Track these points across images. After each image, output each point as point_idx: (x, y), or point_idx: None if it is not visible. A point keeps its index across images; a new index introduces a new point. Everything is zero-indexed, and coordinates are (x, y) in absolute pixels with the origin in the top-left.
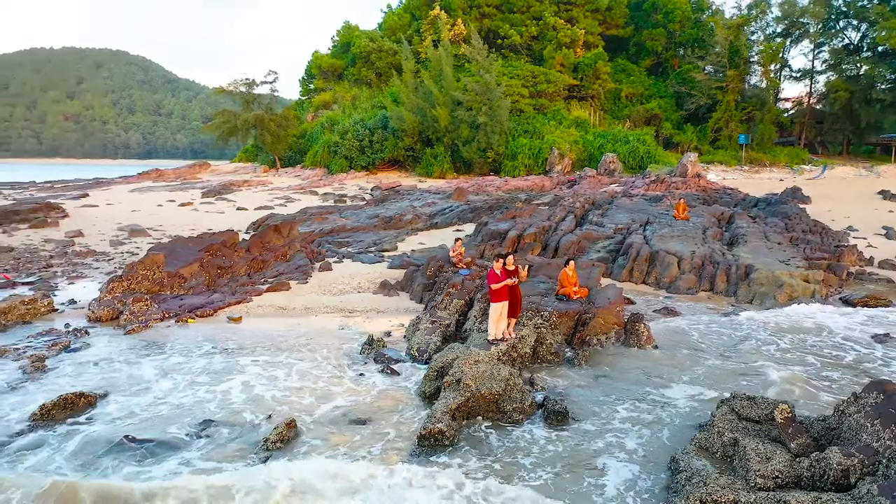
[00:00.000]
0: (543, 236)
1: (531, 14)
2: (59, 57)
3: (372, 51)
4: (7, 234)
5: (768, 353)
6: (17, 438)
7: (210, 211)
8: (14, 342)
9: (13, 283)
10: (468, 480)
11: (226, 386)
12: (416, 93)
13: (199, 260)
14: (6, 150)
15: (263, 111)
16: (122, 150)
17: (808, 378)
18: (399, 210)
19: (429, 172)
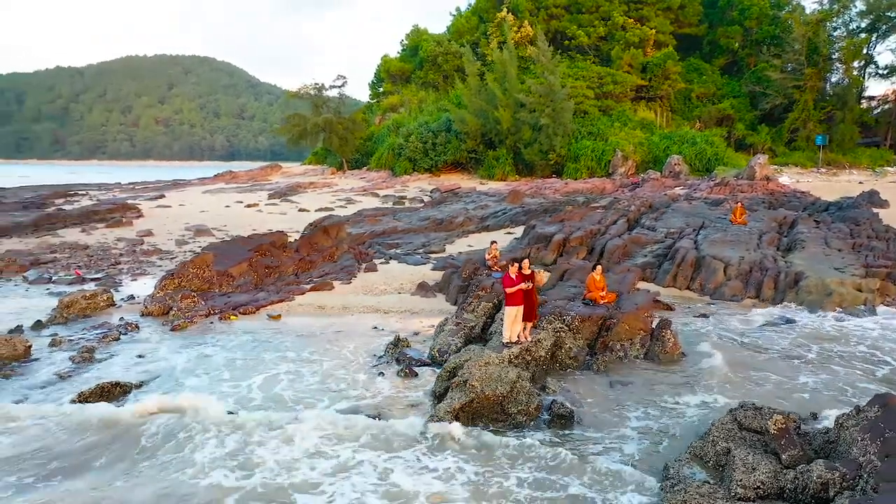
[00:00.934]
0: (590, 240)
1: (600, 14)
2: (152, 64)
3: (439, 54)
4: (86, 232)
5: (800, 363)
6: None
7: (273, 212)
8: (70, 334)
9: (83, 278)
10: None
11: (249, 382)
12: (479, 95)
13: (248, 259)
14: (103, 153)
15: (332, 115)
16: (208, 153)
17: (834, 389)
18: (452, 212)
19: (490, 174)
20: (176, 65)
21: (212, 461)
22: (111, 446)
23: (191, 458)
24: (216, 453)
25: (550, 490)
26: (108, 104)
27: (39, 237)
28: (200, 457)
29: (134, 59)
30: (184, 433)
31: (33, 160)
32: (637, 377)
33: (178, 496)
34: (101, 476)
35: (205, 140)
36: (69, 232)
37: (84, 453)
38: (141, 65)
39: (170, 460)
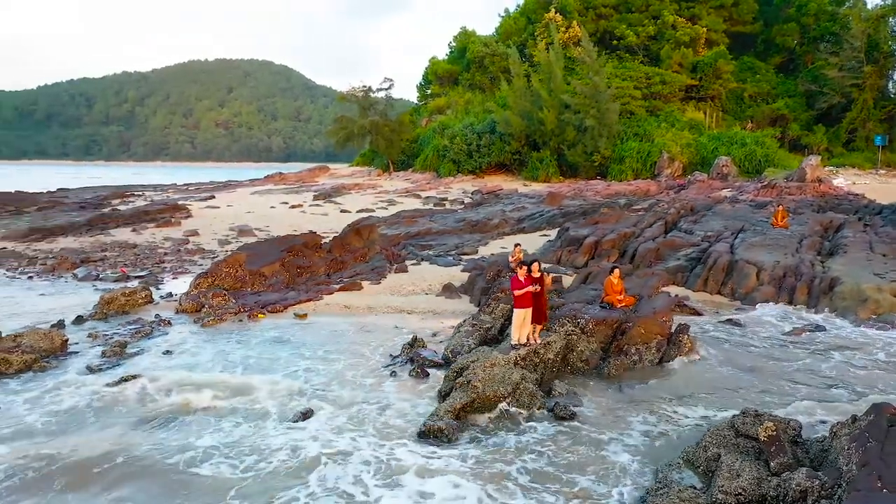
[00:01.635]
0: (623, 243)
1: (649, 13)
2: (213, 68)
3: (485, 55)
4: (136, 232)
5: (821, 370)
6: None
7: (316, 213)
8: (106, 329)
9: (128, 276)
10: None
11: (267, 378)
12: (524, 96)
13: (280, 260)
14: (166, 154)
15: (378, 117)
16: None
17: (851, 399)
18: (488, 214)
19: (534, 176)
20: (235, 68)
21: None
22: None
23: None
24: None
25: (526, 488)
26: (171, 107)
27: (93, 236)
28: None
29: (195, 64)
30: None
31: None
32: (647, 382)
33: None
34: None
35: (262, 142)
36: (121, 231)
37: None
38: (202, 69)
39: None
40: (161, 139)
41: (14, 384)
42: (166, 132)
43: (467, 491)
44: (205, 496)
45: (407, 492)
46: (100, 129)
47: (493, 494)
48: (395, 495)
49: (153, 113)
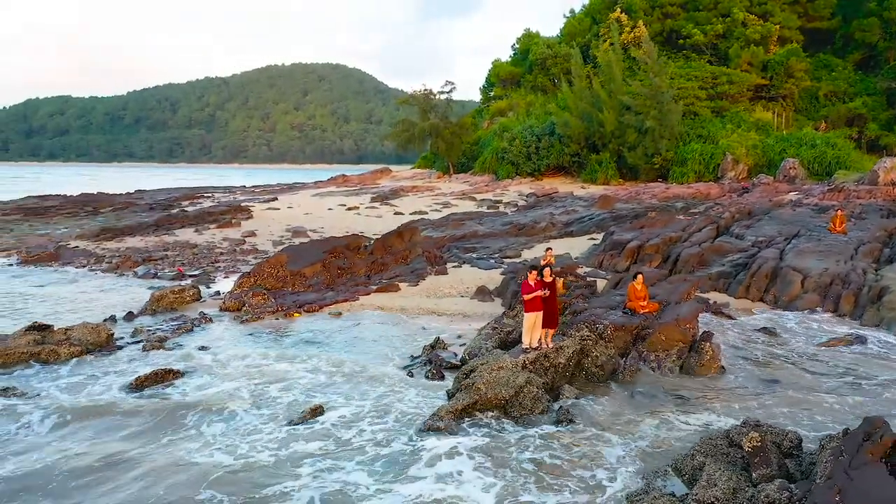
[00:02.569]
0: (666, 247)
1: (718, 11)
2: (289, 72)
3: (548, 57)
4: (198, 232)
5: (850, 384)
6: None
7: (370, 215)
8: (151, 324)
9: (183, 275)
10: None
11: (288, 373)
12: (584, 98)
13: (321, 261)
14: (244, 156)
15: (439, 120)
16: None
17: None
18: (536, 217)
19: (593, 179)
20: (311, 72)
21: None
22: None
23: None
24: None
25: (508, 489)
26: (250, 111)
27: (158, 236)
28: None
29: (273, 69)
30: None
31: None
32: (662, 389)
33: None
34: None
35: (334, 144)
36: (184, 232)
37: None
38: (279, 73)
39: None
40: (239, 142)
41: (62, 371)
42: (244, 135)
43: (443, 490)
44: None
45: (389, 488)
46: (183, 133)
47: (469, 495)
48: (376, 490)
49: (232, 116)
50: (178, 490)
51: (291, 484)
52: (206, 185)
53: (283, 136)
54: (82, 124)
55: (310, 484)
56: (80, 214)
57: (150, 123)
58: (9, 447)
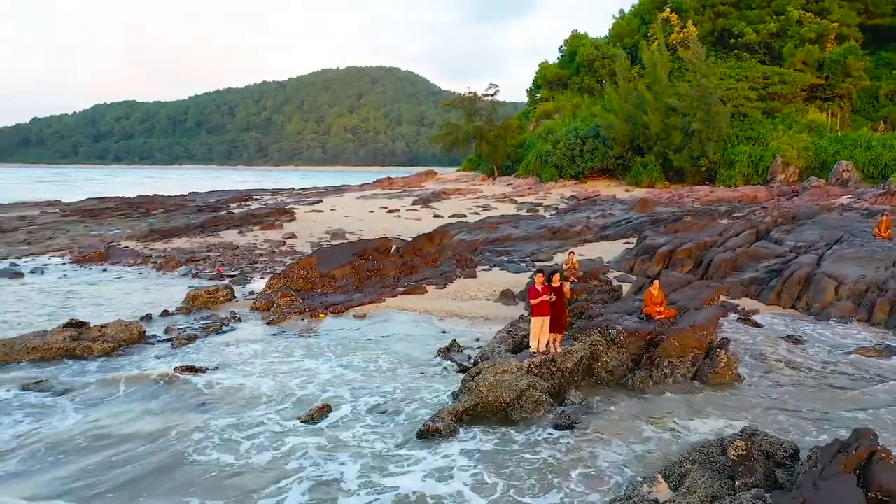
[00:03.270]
0: (699, 252)
1: (772, 9)
2: (344, 76)
3: (595, 58)
4: (242, 234)
5: (872, 396)
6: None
7: (409, 217)
8: (183, 323)
9: (222, 275)
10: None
11: (302, 371)
12: (628, 100)
13: (351, 263)
14: (299, 159)
15: (483, 122)
16: (389, 158)
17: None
18: (572, 221)
19: (637, 181)
20: (365, 76)
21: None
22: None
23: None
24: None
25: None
26: (305, 114)
27: (203, 237)
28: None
29: (328, 72)
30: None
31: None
32: (672, 396)
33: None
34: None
35: (387, 146)
36: (229, 233)
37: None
38: (334, 77)
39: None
40: (295, 144)
41: (91, 366)
42: (299, 137)
43: (432, 489)
44: (202, 477)
45: (381, 484)
46: (241, 135)
47: (452, 493)
48: (365, 484)
49: (288, 119)
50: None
51: (285, 480)
52: (256, 187)
53: (336, 139)
54: (146, 128)
55: (305, 476)
56: (133, 216)
57: (209, 127)
58: (26, 437)
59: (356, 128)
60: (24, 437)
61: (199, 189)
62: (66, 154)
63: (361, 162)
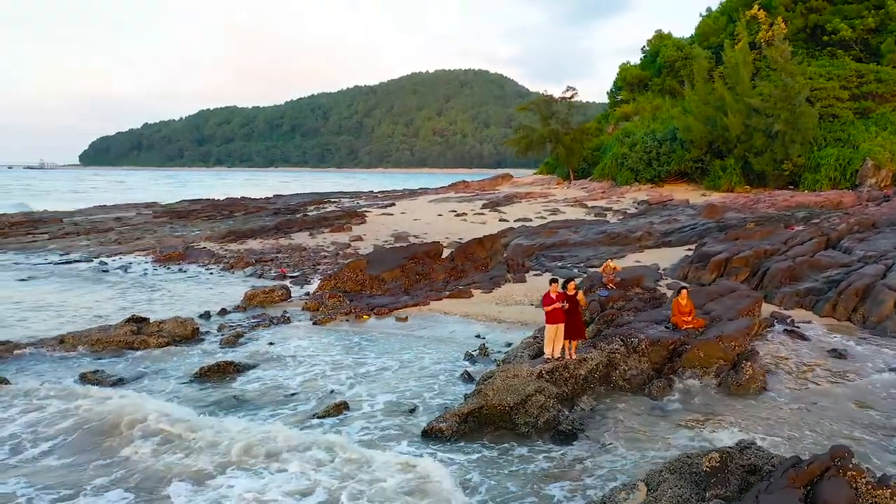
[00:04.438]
0: (756, 260)
1: (870, 3)
2: (432, 79)
3: (677, 59)
4: (312, 236)
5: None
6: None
7: (475, 221)
8: (236, 320)
9: (285, 276)
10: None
11: (330, 369)
12: (708, 101)
13: (401, 266)
14: (388, 161)
15: (559, 125)
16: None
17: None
18: (633, 227)
19: (715, 185)
20: (453, 79)
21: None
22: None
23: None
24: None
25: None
26: (394, 118)
27: (276, 239)
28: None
29: (417, 76)
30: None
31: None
32: (689, 406)
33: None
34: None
35: (474, 149)
36: (300, 235)
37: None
38: (423, 80)
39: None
40: (384, 147)
41: (145, 359)
42: (389, 141)
43: (420, 484)
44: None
45: (373, 477)
46: (333, 139)
47: (439, 493)
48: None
49: (378, 123)
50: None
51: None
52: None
53: (425, 142)
54: (245, 132)
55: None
56: (216, 218)
57: (303, 131)
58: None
59: (444, 130)
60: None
61: (289, 191)
62: (173, 157)
63: (449, 165)
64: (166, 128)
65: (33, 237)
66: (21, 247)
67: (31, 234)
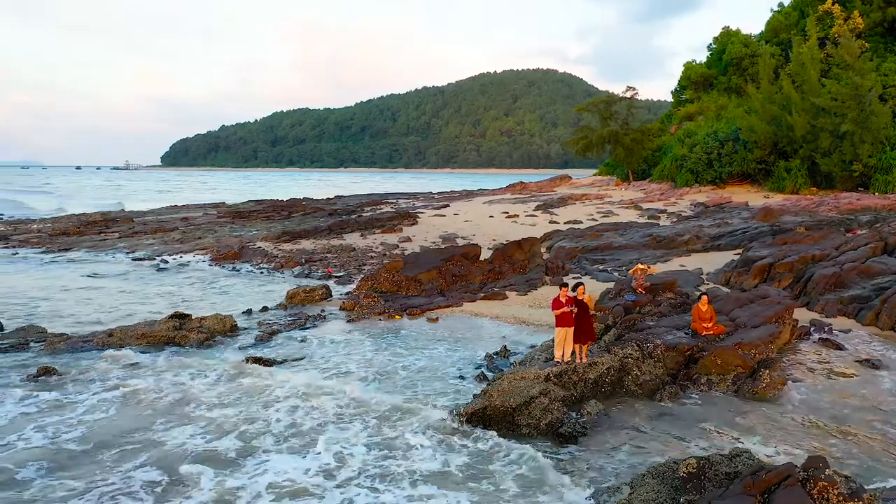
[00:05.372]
0: (802, 266)
1: None
2: (500, 79)
3: (744, 56)
4: (363, 237)
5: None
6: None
7: (525, 223)
8: (275, 318)
9: (331, 275)
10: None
11: (361, 362)
12: (774, 100)
13: (438, 268)
14: (454, 162)
15: (618, 126)
16: (544, 161)
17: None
18: (681, 230)
19: (779, 187)
20: (521, 79)
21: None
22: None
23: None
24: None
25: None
26: (462, 118)
27: (328, 239)
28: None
29: (485, 76)
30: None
31: (400, 169)
32: (699, 413)
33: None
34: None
35: (541, 149)
36: (352, 236)
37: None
38: (491, 81)
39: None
40: (451, 148)
41: (181, 351)
42: (456, 141)
43: (399, 464)
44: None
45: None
46: (401, 140)
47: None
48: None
49: (445, 124)
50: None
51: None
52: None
53: (491, 142)
54: (316, 134)
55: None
56: (274, 218)
57: (372, 132)
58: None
59: (511, 130)
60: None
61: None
62: (248, 158)
63: (515, 165)
64: (241, 129)
65: (105, 236)
66: (93, 245)
67: (104, 233)
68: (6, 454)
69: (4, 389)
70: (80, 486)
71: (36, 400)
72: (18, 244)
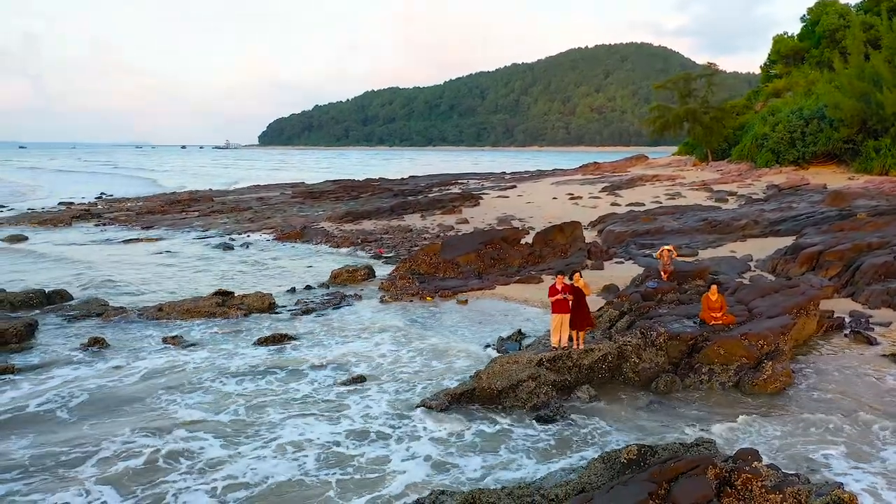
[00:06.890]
0: (854, 255)
1: None
2: (592, 54)
3: (839, 28)
4: (423, 218)
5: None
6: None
7: (586, 206)
8: (313, 297)
9: (381, 255)
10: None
11: (379, 341)
12: (863, 76)
13: (476, 251)
14: (543, 140)
15: (696, 104)
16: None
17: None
18: (738, 214)
19: (867, 168)
20: (613, 53)
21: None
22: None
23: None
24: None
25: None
26: (551, 95)
27: (389, 220)
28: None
29: (575, 52)
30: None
31: (488, 147)
32: (693, 402)
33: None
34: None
35: (633, 126)
36: (412, 217)
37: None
38: (581, 56)
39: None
40: (539, 125)
41: (222, 325)
42: (544, 119)
43: (380, 451)
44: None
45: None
46: (489, 118)
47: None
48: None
49: (534, 101)
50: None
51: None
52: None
53: (581, 119)
54: (406, 112)
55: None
56: (343, 198)
57: (461, 110)
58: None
59: (602, 107)
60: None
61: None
62: (339, 137)
63: (605, 142)
64: (334, 109)
65: (186, 214)
66: (172, 224)
67: (186, 211)
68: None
69: (59, 354)
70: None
71: (82, 365)
72: (108, 221)
